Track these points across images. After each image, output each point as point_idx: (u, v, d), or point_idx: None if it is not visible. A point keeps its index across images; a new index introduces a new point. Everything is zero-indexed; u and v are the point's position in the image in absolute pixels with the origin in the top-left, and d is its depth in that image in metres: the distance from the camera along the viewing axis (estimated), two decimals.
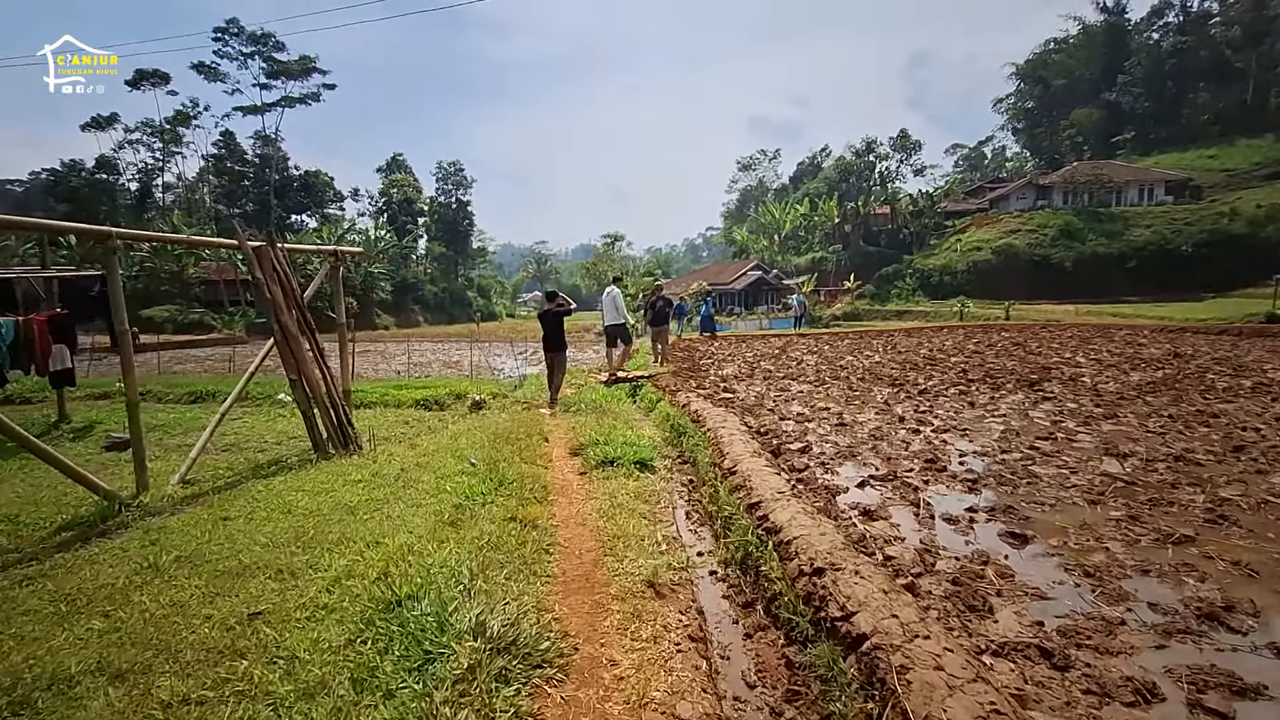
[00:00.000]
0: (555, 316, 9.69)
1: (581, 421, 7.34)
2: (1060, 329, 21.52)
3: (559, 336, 9.68)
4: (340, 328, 8.14)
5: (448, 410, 9.26)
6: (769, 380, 11.04)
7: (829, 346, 17.47)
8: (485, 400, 9.52)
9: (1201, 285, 39.41)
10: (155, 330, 40.30)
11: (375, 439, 6.95)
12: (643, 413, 8.73)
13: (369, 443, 6.66)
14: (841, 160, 64.98)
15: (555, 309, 9.74)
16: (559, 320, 9.70)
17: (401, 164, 73.85)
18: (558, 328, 9.70)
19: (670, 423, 7.34)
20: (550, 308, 9.77)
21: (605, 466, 5.38)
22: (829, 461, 5.62)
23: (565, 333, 9.90)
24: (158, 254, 45.80)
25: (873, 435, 6.59)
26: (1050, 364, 12.17)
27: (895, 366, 12.49)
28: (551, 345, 9.59)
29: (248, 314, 45.40)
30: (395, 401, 9.91)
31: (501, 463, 5.21)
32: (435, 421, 8.29)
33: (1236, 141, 54.31)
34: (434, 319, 62.04)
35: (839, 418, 7.61)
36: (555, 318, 9.68)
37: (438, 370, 19.60)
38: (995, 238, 47.22)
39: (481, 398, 9.47)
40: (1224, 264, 40.34)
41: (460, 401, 9.64)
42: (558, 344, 9.59)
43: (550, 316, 9.67)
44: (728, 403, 8.63)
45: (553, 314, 9.68)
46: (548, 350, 9.71)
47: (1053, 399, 8.50)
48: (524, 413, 8.43)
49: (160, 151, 64.62)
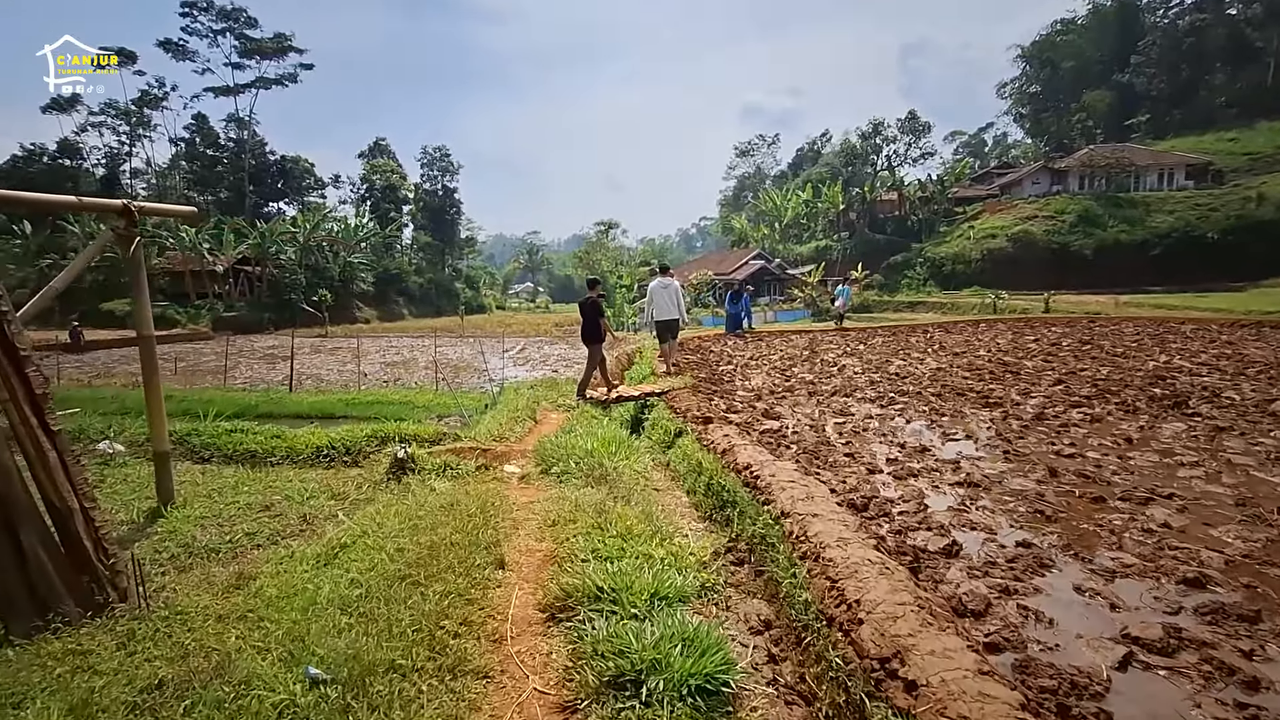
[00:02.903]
0: (594, 306, 9.18)
1: (568, 506, 4.27)
2: (1113, 323, 19.11)
3: (596, 328, 9.11)
4: (143, 343, 5.44)
5: (363, 465, 6.09)
6: (816, 397, 8.53)
7: (864, 346, 14.97)
8: (414, 459, 5.60)
9: (1230, 274, 37.14)
10: (116, 325, 37.56)
11: (173, 569, 3.91)
12: (660, 461, 6.17)
13: (140, 592, 3.40)
14: (847, 144, 62.25)
15: (597, 298, 9.31)
16: (599, 310, 9.18)
17: (385, 149, 70.40)
18: (598, 318, 9.14)
19: (707, 481, 4.83)
20: (591, 296, 9.30)
21: (624, 688, 2.30)
22: (1018, 583, 3.13)
23: None
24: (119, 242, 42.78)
25: (1038, 513, 4.11)
26: (1156, 371, 9.73)
27: (966, 375, 10.01)
28: (590, 336, 9.07)
29: (215, 307, 42.61)
30: (285, 452, 6.42)
31: (387, 669, 2.40)
32: (323, 501, 5.14)
33: (1257, 124, 51.76)
34: (419, 311, 59.09)
35: (955, 468, 5.12)
36: (595, 307, 9.16)
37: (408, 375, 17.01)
38: (1011, 224, 44.72)
39: (407, 452, 5.62)
40: (1254, 251, 38.04)
41: (387, 448, 6.08)
42: (596, 336, 9.02)
43: (590, 305, 9.16)
44: (777, 439, 6.13)
45: (592, 303, 9.17)
46: (586, 341, 9.25)
47: (1229, 429, 6.05)
48: (476, 485, 5.07)
49: (127, 135, 61.17)
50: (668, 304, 10.63)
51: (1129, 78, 61.06)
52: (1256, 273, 36.75)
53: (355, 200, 66.94)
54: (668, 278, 11.11)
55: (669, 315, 10.68)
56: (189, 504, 4.78)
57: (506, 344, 26.50)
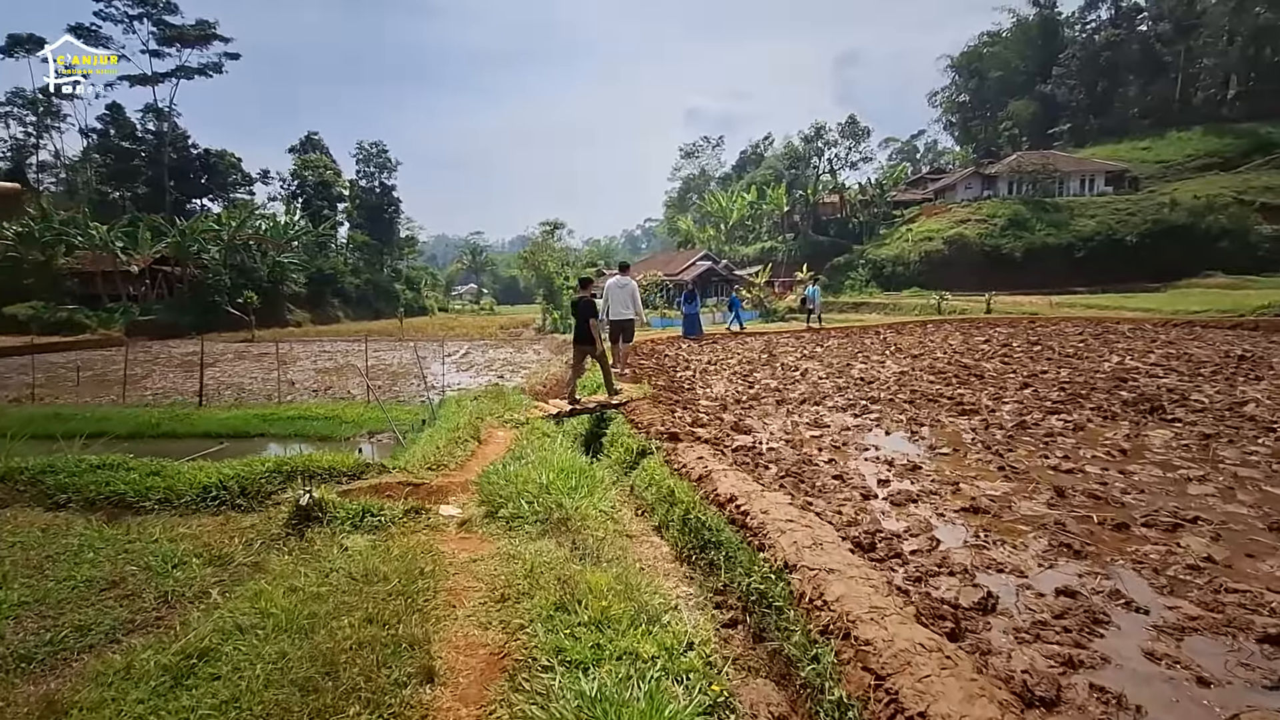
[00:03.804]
0: (590, 305, 8.58)
1: (521, 571, 3.34)
2: (1052, 323, 19.53)
3: (589, 329, 8.41)
4: None
5: (263, 510, 4.67)
6: (785, 406, 7.98)
7: (821, 348, 14.63)
8: (323, 505, 4.34)
9: (1148, 275, 39.23)
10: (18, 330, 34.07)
11: None
12: (622, 485, 5.44)
13: None
14: (790, 146, 63.02)
15: (591, 297, 8.76)
16: (590, 311, 8.53)
17: (318, 143, 66.82)
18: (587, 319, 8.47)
19: (682, 515, 4.13)
20: (585, 295, 8.75)
21: None
22: (1079, 650, 2.56)
23: None
24: (22, 241, 38.88)
25: (1064, 547, 3.60)
26: (1115, 373, 9.65)
27: (931, 379, 9.69)
28: (583, 338, 8.44)
29: (130, 310, 39.30)
30: (163, 494, 4.88)
31: None
32: (196, 570, 3.69)
33: (1167, 134, 55.19)
34: (356, 314, 56.29)
35: (955, 489, 4.61)
36: (590, 307, 8.56)
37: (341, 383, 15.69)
38: (946, 227, 46.08)
39: (313, 497, 4.30)
40: (1168, 254, 40.32)
41: (293, 484, 4.85)
42: (588, 336, 8.38)
43: (585, 305, 8.55)
44: (754, 457, 5.50)
45: (587, 303, 8.58)
46: (578, 343, 8.56)
47: (1215, 436, 5.79)
48: (402, 540, 3.95)
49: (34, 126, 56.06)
50: (623, 303, 10.26)
51: (1051, 88, 64.07)
52: (1171, 274, 38.96)
53: (286, 197, 63.24)
54: (625, 276, 10.62)
55: (624, 315, 10.28)
56: (7, 582, 3.50)
57: (449, 348, 25.21)
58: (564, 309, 36.21)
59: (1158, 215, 42.72)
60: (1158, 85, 58.98)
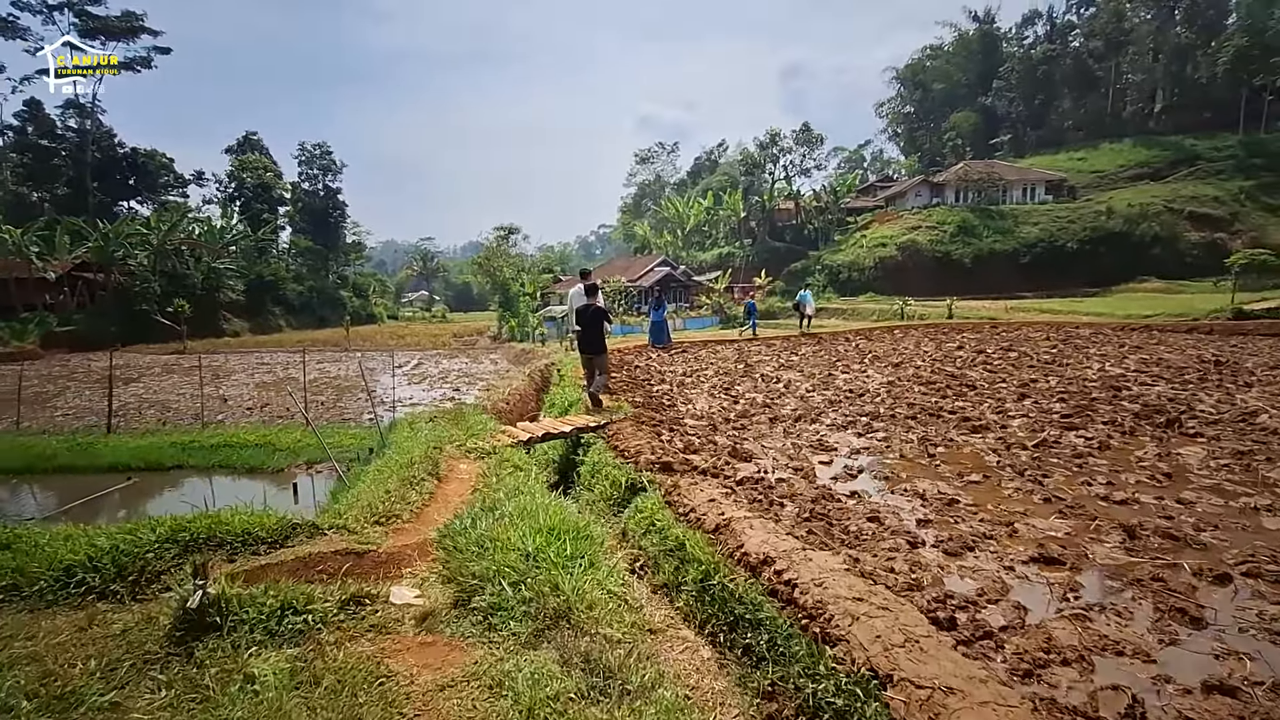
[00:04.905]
0: (596, 315, 8.39)
1: (510, 703, 2.46)
2: (1013, 328, 19.62)
3: (599, 338, 8.37)
4: None
5: (147, 599, 3.31)
6: (780, 424, 7.27)
7: (796, 356, 14.08)
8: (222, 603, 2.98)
9: (1089, 280, 40.68)
10: None
11: None
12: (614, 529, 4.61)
13: None
14: (746, 153, 63.27)
15: (598, 307, 8.57)
16: (600, 319, 8.40)
17: (256, 144, 63.43)
18: (598, 327, 8.38)
19: (700, 578, 3.33)
20: (591, 303, 8.56)
21: None
22: None
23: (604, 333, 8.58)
24: None
25: (1178, 613, 2.96)
26: (1105, 382, 9.35)
27: (922, 389, 9.18)
28: (590, 346, 8.39)
29: (47, 320, 36.10)
30: (9, 579, 3.44)
31: None
32: None
33: (1100, 145, 57.87)
34: (299, 322, 53.51)
35: (1011, 531, 3.96)
36: (596, 316, 8.38)
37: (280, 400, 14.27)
38: (899, 234, 46.89)
39: (207, 595, 2.92)
40: (1105, 260, 41.96)
41: (192, 557, 3.49)
42: (597, 346, 8.33)
43: (591, 314, 8.34)
44: (764, 491, 4.75)
45: (594, 311, 8.37)
46: (584, 351, 8.53)
47: (1251, 453, 5.36)
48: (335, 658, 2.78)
49: None
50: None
51: (991, 100, 66.39)
52: (1109, 279, 40.57)
53: (223, 200, 59.75)
54: (588, 283, 9.78)
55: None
56: None
57: (399, 358, 23.79)
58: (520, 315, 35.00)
59: (1095, 223, 44.41)
60: (1091, 99, 61.77)
